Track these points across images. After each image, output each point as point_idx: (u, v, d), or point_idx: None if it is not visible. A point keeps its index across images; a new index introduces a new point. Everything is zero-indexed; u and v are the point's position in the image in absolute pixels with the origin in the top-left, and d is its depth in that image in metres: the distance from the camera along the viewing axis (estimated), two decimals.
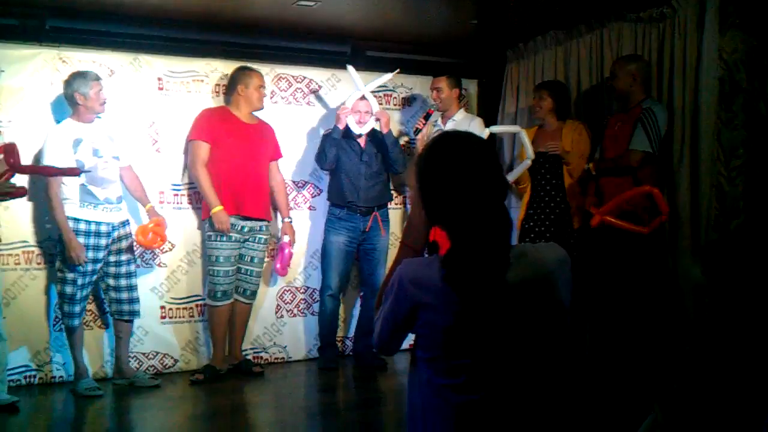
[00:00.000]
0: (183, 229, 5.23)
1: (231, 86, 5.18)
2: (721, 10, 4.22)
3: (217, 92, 5.36)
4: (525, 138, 5.00)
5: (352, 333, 5.73)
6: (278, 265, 5.18)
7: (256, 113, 5.21)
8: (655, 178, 4.42)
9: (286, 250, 5.16)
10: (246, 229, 5.05)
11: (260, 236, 5.14)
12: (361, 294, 5.64)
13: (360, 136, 5.27)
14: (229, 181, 4.97)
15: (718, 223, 4.20)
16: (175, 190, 5.24)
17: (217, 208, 4.89)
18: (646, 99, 4.50)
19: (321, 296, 5.40)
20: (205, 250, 5.13)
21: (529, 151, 4.99)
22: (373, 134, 5.34)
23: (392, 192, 5.63)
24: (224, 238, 4.97)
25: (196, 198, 5.23)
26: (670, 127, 4.48)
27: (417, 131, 5.34)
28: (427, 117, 5.35)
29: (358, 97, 5.24)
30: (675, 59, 4.53)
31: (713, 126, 4.22)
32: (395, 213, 5.87)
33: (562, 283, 1.80)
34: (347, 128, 5.22)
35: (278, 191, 5.28)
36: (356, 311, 5.74)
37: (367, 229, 5.29)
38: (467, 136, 1.87)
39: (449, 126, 5.37)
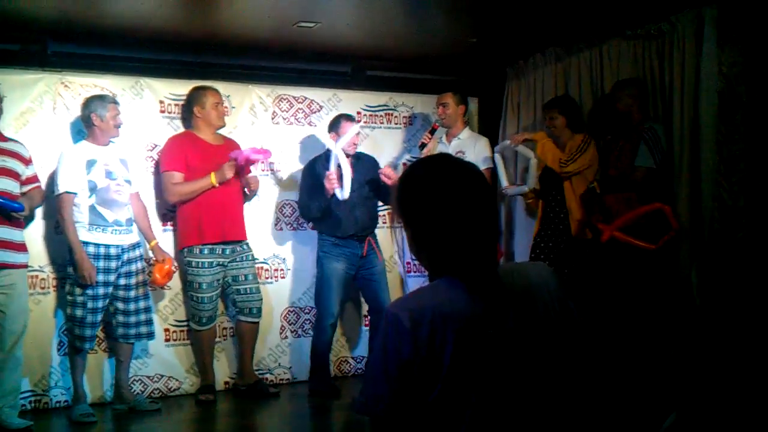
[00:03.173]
0: None
1: (187, 109, 5.13)
2: (720, 24, 4.25)
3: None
4: (533, 168, 5.09)
5: (356, 353, 5.73)
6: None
7: (220, 132, 5.16)
8: (657, 192, 4.45)
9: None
10: (228, 251, 5.01)
11: (246, 254, 5.10)
12: (369, 318, 5.54)
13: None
14: (210, 209, 4.90)
15: (720, 236, 4.20)
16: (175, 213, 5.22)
17: (211, 178, 4.87)
18: (645, 119, 4.60)
19: (321, 324, 5.15)
20: (185, 278, 5.05)
21: (531, 181, 5.14)
22: (357, 159, 5.19)
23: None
24: (205, 265, 4.93)
25: None
26: (669, 142, 4.53)
27: (422, 146, 5.34)
28: (432, 132, 5.36)
29: (336, 163, 4.99)
30: (674, 74, 4.56)
31: (714, 139, 4.24)
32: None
33: (549, 297, 1.80)
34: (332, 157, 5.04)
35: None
36: (356, 331, 5.74)
37: (363, 254, 5.18)
38: (448, 159, 1.87)
39: (454, 144, 5.39)
